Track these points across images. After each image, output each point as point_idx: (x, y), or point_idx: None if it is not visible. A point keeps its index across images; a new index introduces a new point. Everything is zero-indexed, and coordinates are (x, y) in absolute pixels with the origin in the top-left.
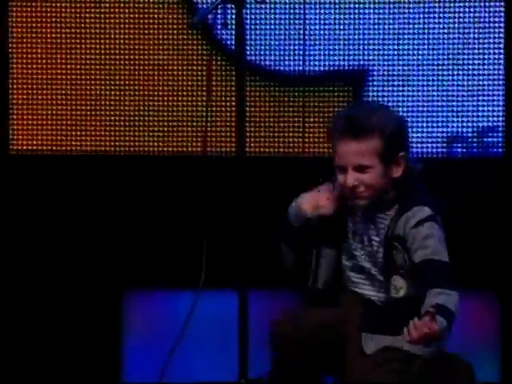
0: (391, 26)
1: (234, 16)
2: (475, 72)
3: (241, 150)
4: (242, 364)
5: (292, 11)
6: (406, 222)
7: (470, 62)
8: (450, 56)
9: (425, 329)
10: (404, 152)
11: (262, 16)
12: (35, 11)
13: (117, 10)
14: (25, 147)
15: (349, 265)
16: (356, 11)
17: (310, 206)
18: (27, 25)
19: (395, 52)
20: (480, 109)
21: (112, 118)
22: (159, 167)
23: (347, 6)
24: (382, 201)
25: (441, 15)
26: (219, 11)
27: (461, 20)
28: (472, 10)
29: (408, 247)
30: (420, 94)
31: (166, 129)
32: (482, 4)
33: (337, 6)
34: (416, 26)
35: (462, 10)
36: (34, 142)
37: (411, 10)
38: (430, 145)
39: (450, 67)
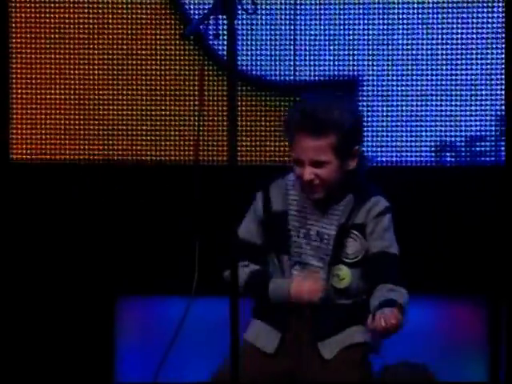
0: (381, 35)
1: (225, 27)
2: (471, 77)
3: (232, 158)
4: (234, 367)
5: (282, 22)
6: (368, 212)
7: (464, 67)
8: (444, 62)
9: (393, 320)
10: (358, 146)
11: (253, 26)
12: (35, 17)
13: (112, 21)
14: (25, 156)
15: (292, 266)
16: (346, 20)
17: (302, 300)
18: (27, 36)
19: (385, 60)
20: (474, 117)
21: (109, 127)
22: (153, 176)
23: (337, 15)
24: (335, 194)
25: (433, 22)
26: (211, 22)
27: (453, 27)
28: (466, 16)
29: (367, 234)
30: (409, 101)
31: (159, 138)
32: (478, 10)
33: (327, 15)
34: (406, 36)
35: (454, 16)
36: (34, 151)
37: (400, 20)
38: (420, 153)
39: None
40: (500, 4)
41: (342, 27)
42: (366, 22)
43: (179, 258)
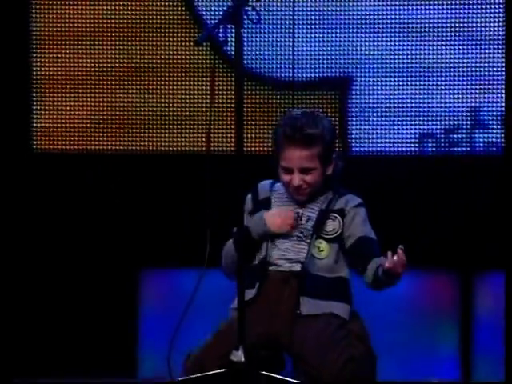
0: (372, 35)
1: (233, 34)
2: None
3: (239, 148)
4: (240, 330)
5: (282, 27)
6: (347, 202)
7: (442, 64)
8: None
9: (404, 257)
10: (335, 153)
11: (258, 32)
12: (56, 14)
13: (132, 22)
14: (47, 146)
15: (273, 241)
16: (338, 23)
17: (277, 227)
18: (48, 32)
19: (374, 60)
20: (450, 110)
21: (128, 120)
22: (171, 163)
23: (332, 18)
24: (315, 194)
25: (416, 21)
26: (221, 30)
27: (437, 23)
28: (453, 11)
29: (346, 221)
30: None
31: (176, 130)
32: (460, 6)
33: (323, 19)
34: (393, 36)
35: (441, 12)
36: (56, 142)
37: (388, 21)
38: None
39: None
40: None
41: (335, 30)
42: (357, 24)
43: (193, 237)
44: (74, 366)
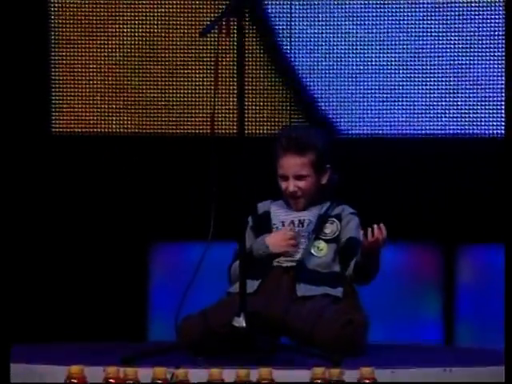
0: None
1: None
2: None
3: (241, 130)
4: (241, 298)
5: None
6: (344, 209)
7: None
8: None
9: (383, 230)
10: (330, 164)
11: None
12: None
13: (148, 17)
14: (66, 129)
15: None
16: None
17: (279, 248)
18: (67, 19)
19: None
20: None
21: (141, 103)
22: (180, 144)
23: (332, 15)
24: (312, 201)
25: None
26: (224, 22)
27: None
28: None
29: (342, 224)
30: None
31: (185, 113)
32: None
33: (322, 16)
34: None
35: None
36: (74, 124)
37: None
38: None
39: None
40: None
41: (335, 26)
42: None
43: (200, 211)
44: (90, 331)
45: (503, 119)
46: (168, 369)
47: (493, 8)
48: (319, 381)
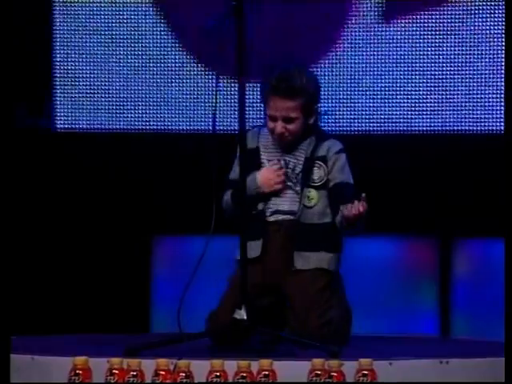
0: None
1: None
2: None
3: (242, 127)
4: (242, 291)
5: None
6: (329, 148)
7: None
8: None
9: (361, 207)
10: (317, 104)
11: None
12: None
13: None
14: (68, 125)
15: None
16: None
17: (268, 186)
18: (69, 18)
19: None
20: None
21: (142, 102)
22: (182, 141)
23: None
24: (298, 139)
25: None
26: (225, 22)
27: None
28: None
29: (328, 166)
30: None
31: (186, 111)
32: None
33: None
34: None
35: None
36: (77, 121)
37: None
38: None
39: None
40: None
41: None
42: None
43: (201, 206)
44: (94, 323)
45: (498, 115)
46: (171, 360)
47: (493, 8)
48: (319, 372)
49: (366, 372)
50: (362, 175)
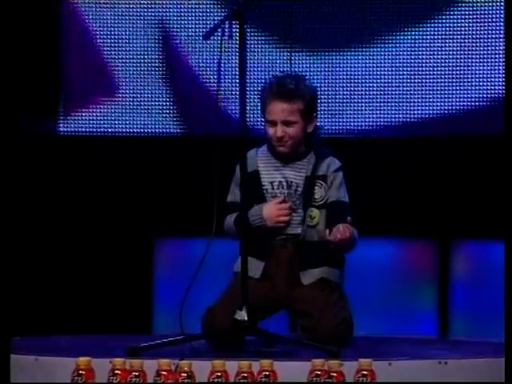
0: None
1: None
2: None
3: (243, 130)
4: (244, 292)
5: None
6: (328, 167)
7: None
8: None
9: (347, 232)
10: (315, 113)
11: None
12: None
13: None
14: (72, 129)
15: None
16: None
17: (273, 222)
18: (76, 28)
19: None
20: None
21: (145, 107)
22: (183, 143)
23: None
24: (298, 152)
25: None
26: (226, 26)
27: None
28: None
29: (328, 185)
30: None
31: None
32: None
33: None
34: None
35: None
36: (80, 124)
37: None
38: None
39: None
40: None
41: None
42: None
43: (203, 210)
44: (97, 324)
45: (498, 117)
46: (172, 360)
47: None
48: (319, 372)
49: (365, 372)
50: (362, 178)
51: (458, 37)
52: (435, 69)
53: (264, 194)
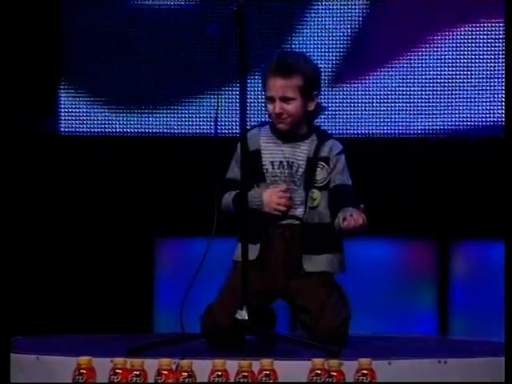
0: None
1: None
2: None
3: (243, 131)
4: (244, 292)
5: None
6: (331, 149)
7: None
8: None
9: (360, 219)
10: (317, 91)
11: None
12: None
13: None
14: (72, 128)
15: None
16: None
17: (271, 209)
18: (77, 30)
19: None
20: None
21: (144, 106)
22: (183, 144)
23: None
24: (299, 133)
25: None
26: (226, 28)
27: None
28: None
29: (330, 168)
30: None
31: (188, 115)
32: None
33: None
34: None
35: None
36: (82, 125)
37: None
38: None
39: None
40: None
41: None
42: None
43: (203, 209)
44: (98, 323)
45: (498, 118)
46: (173, 359)
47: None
48: (319, 371)
49: (365, 371)
50: (361, 178)
51: (457, 36)
52: (435, 69)
53: (264, 173)
